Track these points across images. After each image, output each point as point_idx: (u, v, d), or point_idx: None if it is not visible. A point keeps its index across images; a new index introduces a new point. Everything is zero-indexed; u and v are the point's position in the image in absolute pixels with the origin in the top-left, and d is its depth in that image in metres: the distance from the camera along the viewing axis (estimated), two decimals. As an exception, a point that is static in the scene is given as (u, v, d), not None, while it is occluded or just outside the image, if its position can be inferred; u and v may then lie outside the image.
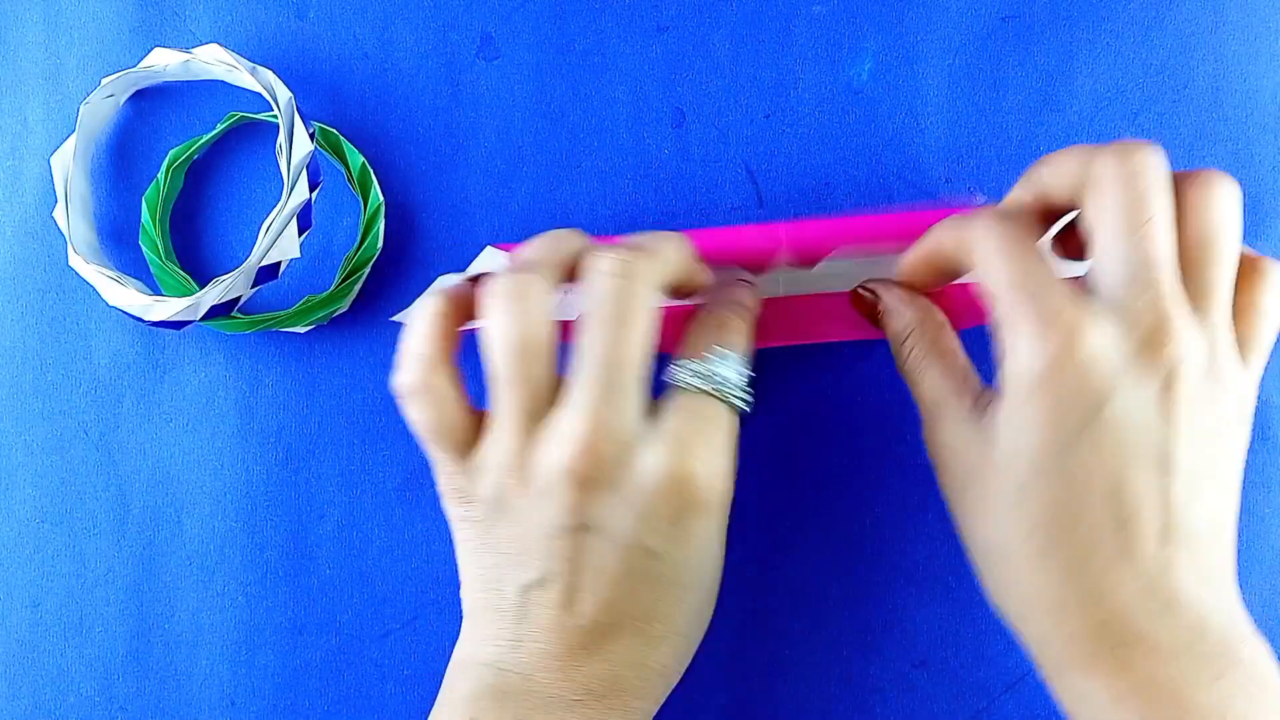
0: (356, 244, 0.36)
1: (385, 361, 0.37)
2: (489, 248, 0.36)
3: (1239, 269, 0.29)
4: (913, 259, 0.32)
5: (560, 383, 0.29)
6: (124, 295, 0.35)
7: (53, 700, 0.37)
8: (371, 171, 0.36)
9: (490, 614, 0.30)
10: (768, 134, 0.37)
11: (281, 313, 0.36)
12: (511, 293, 0.28)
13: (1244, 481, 0.36)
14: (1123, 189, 0.27)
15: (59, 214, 0.36)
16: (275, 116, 0.36)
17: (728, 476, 0.30)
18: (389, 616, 0.37)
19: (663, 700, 0.31)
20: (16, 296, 0.38)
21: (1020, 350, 0.27)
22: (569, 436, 0.28)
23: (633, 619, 0.29)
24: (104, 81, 0.36)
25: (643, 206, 0.37)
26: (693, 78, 0.37)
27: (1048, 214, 0.30)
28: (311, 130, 0.35)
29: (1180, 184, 0.28)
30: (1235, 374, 0.28)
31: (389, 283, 0.37)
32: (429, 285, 0.37)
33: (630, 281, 0.28)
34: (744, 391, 0.30)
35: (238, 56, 0.35)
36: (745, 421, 0.34)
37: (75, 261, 0.36)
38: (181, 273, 0.37)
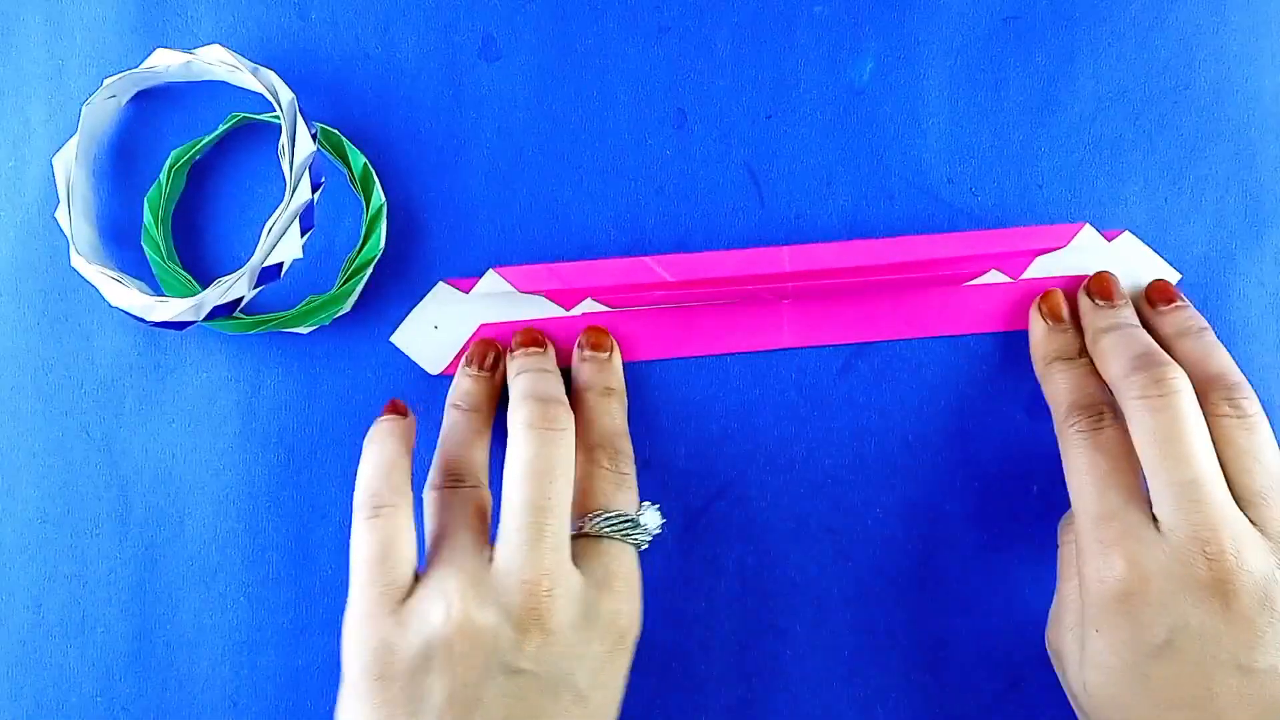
0: (358, 245, 0.36)
1: (387, 362, 0.37)
2: (491, 271, 0.36)
3: None
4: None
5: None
6: (126, 296, 0.35)
7: (54, 700, 0.37)
8: (373, 172, 0.36)
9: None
10: (769, 134, 0.37)
11: (284, 313, 0.36)
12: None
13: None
14: (1153, 412, 0.29)
15: (61, 214, 0.36)
16: (277, 117, 0.36)
17: (640, 614, 0.32)
18: (391, 617, 0.37)
19: None
20: (19, 297, 0.38)
21: (1089, 578, 0.29)
22: (515, 579, 0.29)
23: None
24: (106, 82, 0.36)
25: (644, 207, 0.37)
26: (694, 78, 0.37)
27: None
28: (313, 131, 0.35)
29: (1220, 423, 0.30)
30: None
31: (391, 283, 0.37)
32: (430, 288, 0.37)
33: (555, 434, 0.31)
34: (650, 537, 0.33)
35: (240, 57, 0.35)
36: (747, 419, 0.34)
37: (77, 262, 0.36)
38: (183, 273, 0.37)
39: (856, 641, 0.36)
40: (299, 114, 0.34)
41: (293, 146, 0.34)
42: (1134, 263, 0.36)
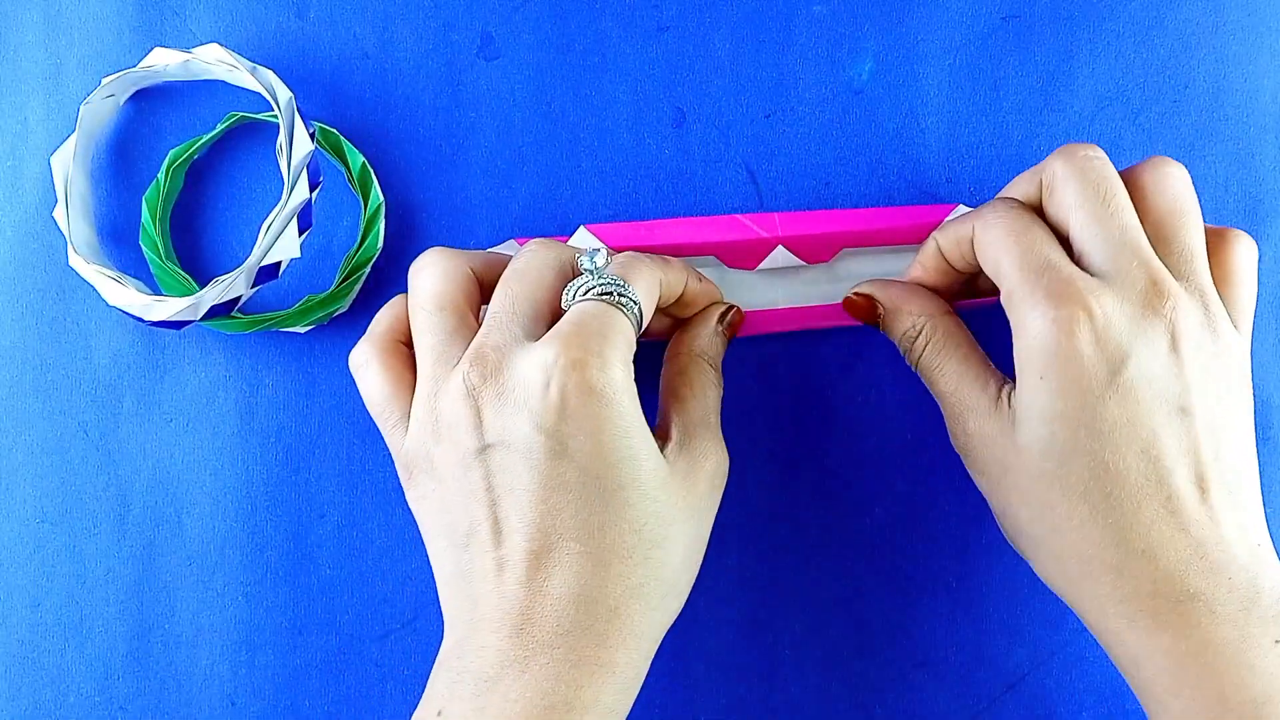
0: (357, 244, 0.36)
1: (385, 361, 0.37)
2: (582, 228, 0.36)
3: (1208, 242, 0.30)
4: (918, 262, 0.34)
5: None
6: (124, 295, 0.35)
7: (53, 700, 0.37)
8: (372, 171, 0.36)
9: (449, 599, 0.30)
10: (768, 134, 0.37)
11: (282, 312, 0.36)
12: (434, 256, 0.31)
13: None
14: (1081, 177, 0.29)
15: (59, 214, 0.36)
16: (275, 116, 0.36)
17: (624, 365, 0.29)
18: (389, 616, 0.37)
19: (639, 660, 0.29)
20: (17, 296, 0.38)
21: (1034, 327, 0.28)
22: (462, 359, 0.29)
23: (564, 538, 0.28)
24: (104, 81, 0.36)
25: (643, 206, 0.37)
26: (693, 77, 0.37)
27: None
28: (312, 130, 0.35)
29: (1130, 172, 0.30)
30: (1230, 332, 0.29)
31: (389, 283, 0.37)
32: (429, 285, 0.37)
33: (542, 248, 0.31)
34: (636, 306, 0.30)
35: (238, 56, 0.35)
36: (747, 418, 0.34)
37: (75, 261, 0.36)
38: (182, 272, 0.37)
39: (856, 641, 0.36)
40: (297, 113, 0.34)
41: (291, 145, 0.34)
42: None
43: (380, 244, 0.36)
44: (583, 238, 0.35)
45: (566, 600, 0.28)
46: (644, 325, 0.31)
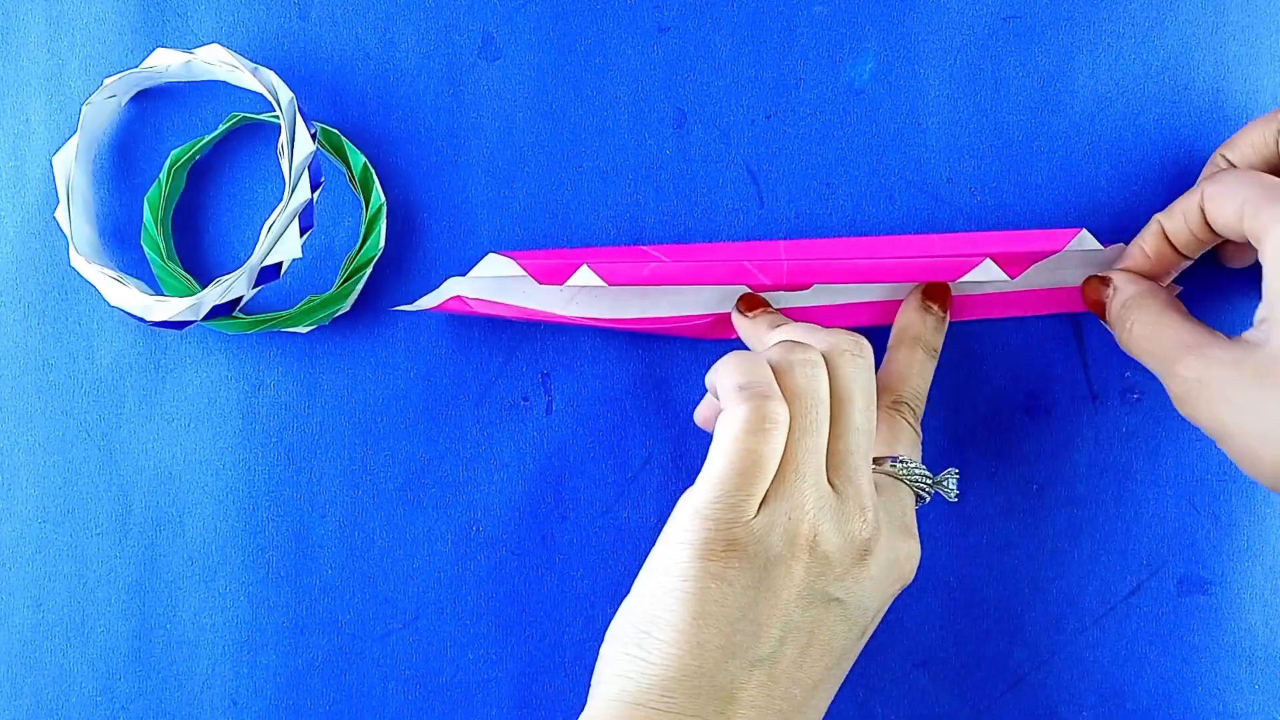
0: (358, 244, 0.36)
1: (387, 362, 0.37)
2: (491, 254, 0.36)
3: None
4: (1139, 246, 0.35)
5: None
6: (126, 295, 0.35)
7: (55, 700, 0.37)
8: (373, 172, 0.36)
9: (693, 699, 0.27)
10: (769, 134, 0.37)
11: (283, 313, 0.36)
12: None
13: (1246, 482, 0.37)
14: None
15: (61, 214, 0.36)
16: (277, 117, 0.36)
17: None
18: (390, 616, 0.37)
19: None
20: (19, 297, 0.38)
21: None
22: (859, 511, 0.29)
23: (820, 690, 0.29)
24: (106, 82, 0.36)
25: (644, 207, 0.37)
26: (694, 78, 0.37)
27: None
28: (313, 131, 0.35)
29: None
30: None
31: (390, 283, 0.37)
32: (432, 285, 0.37)
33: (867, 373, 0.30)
34: (931, 496, 0.33)
35: (239, 57, 0.35)
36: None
37: (77, 261, 0.36)
38: (183, 273, 0.37)
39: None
40: (298, 114, 0.34)
41: (292, 146, 0.34)
42: None
43: (381, 244, 0.36)
44: (491, 263, 0.35)
45: None
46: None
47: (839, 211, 0.37)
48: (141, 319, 0.35)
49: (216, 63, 0.35)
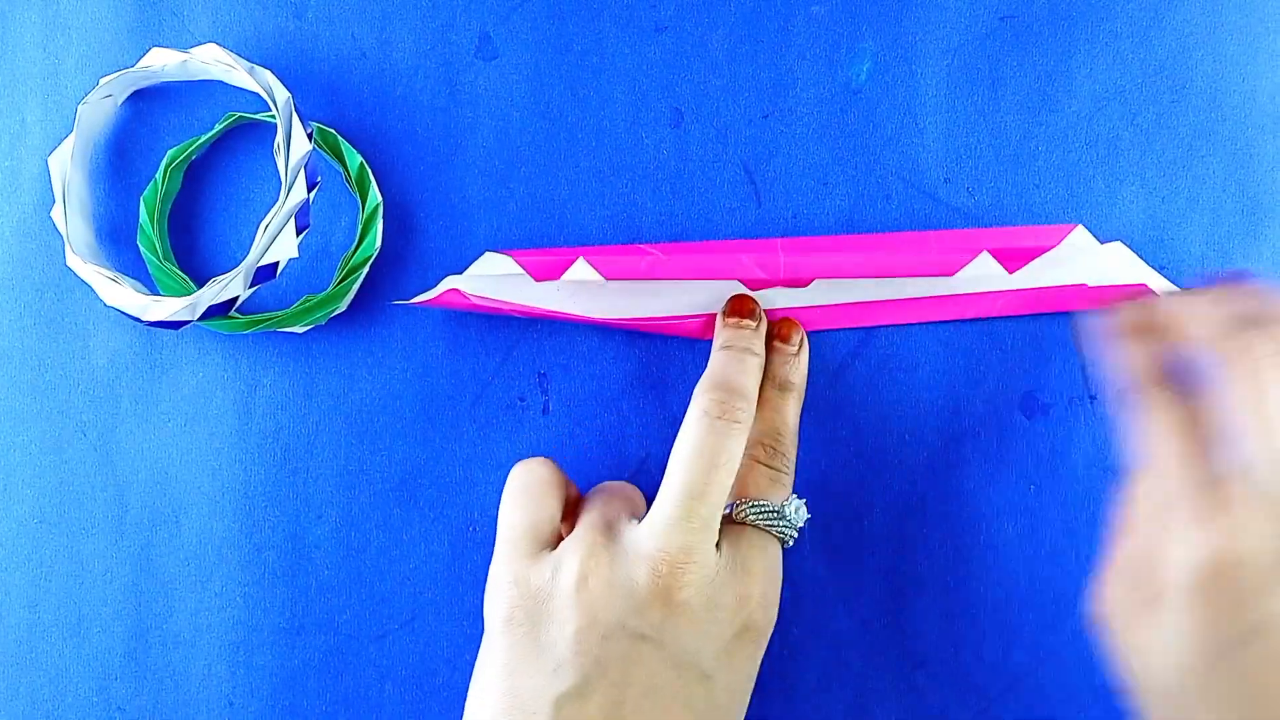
0: (354, 244, 0.36)
1: (383, 362, 0.37)
2: (488, 253, 0.36)
3: None
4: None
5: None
6: (122, 295, 0.35)
7: (50, 700, 0.37)
8: (369, 171, 0.36)
9: (496, 708, 0.29)
10: (766, 134, 0.37)
11: (279, 313, 0.36)
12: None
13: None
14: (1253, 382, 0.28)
15: (57, 214, 0.36)
16: (273, 116, 0.36)
17: (776, 607, 0.32)
18: (387, 617, 0.37)
19: None
20: (14, 296, 0.38)
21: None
22: (651, 550, 0.30)
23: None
24: (102, 81, 0.36)
25: (640, 206, 0.37)
26: (691, 78, 0.37)
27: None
28: (309, 130, 0.35)
29: None
30: None
31: (387, 283, 0.37)
32: (428, 285, 0.37)
33: (730, 427, 0.31)
34: (797, 531, 0.33)
35: (236, 56, 0.35)
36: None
37: (73, 261, 0.36)
38: (179, 273, 0.37)
39: (855, 641, 0.36)
40: (295, 113, 0.34)
41: (288, 146, 0.34)
42: (1123, 270, 0.36)
43: (378, 244, 0.36)
44: (488, 261, 0.35)
45: None
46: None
47: (836, 211, 0.37)
48: (137, 319, 0.35)
49: (213, 62, 0.35)
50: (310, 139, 0.34)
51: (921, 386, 0.36)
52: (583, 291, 0.35)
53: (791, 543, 0.33)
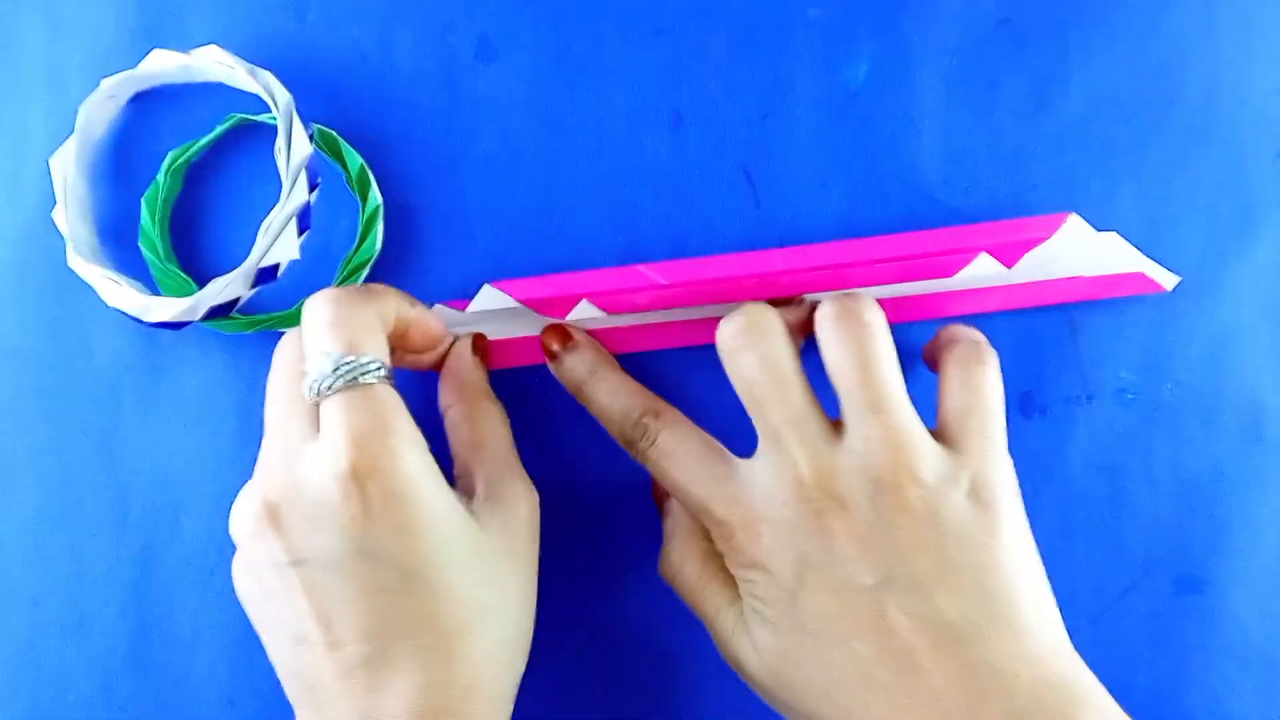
0: (355, 245, 0.36)
1: (384, 362, 0.37)
2: (486, 286, 0.35)
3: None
4: None
5: None
6: (123, 296, 0.35)
7: (52, 699, 0.37)
8: (370, 173, 0.37)
9: (295, 694, 0.29)
10: (764, 136, 0.37)
11: (281, 313, 0.36)
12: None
13: (1241, 482, 0.37)
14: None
15: (58, 215, 0.36)
16: (274, 118, 0.36)
17: (412, 444, 0.29)
18: (387, 616, 0.37)
19: (506, 709, 0.30)
20: (16, 297, 0.38)
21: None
22: (256, 480, 0.30)
23: (398, 637, 0.28)
24: (103, 83, 0.36)
25: (640, 208, 0.37)
26: (690, 80, 0.37)
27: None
28: (310, 132, 0.35)
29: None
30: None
31: (388, 284, 0.37)
32: (428, 285, 0.37)
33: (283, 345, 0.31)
34: (379, 366, 0.29)
35: (237, 58, 0.36)
36: (749, 422, 0.34)
37: (75, 262, 0.36)
38: (181, 274, 0.37)
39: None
40: (296, 115, 0.35)
41: (289, 147, 0.34)
42: (1120, 259, 0.36)
43: (379, 245, 0.36)
44: (487, 297, 0.35)
45: (416, 692, 0.27)
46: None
47: (834, 213, 0.37)
48: (139, 320, 0.35)
49: (214, 64, 0.36)
50: (311, 140, 0.34)
51: (920, 386, 0.37)
52: (588, 324, 0.36)
53: (386, 377, 0.29)
